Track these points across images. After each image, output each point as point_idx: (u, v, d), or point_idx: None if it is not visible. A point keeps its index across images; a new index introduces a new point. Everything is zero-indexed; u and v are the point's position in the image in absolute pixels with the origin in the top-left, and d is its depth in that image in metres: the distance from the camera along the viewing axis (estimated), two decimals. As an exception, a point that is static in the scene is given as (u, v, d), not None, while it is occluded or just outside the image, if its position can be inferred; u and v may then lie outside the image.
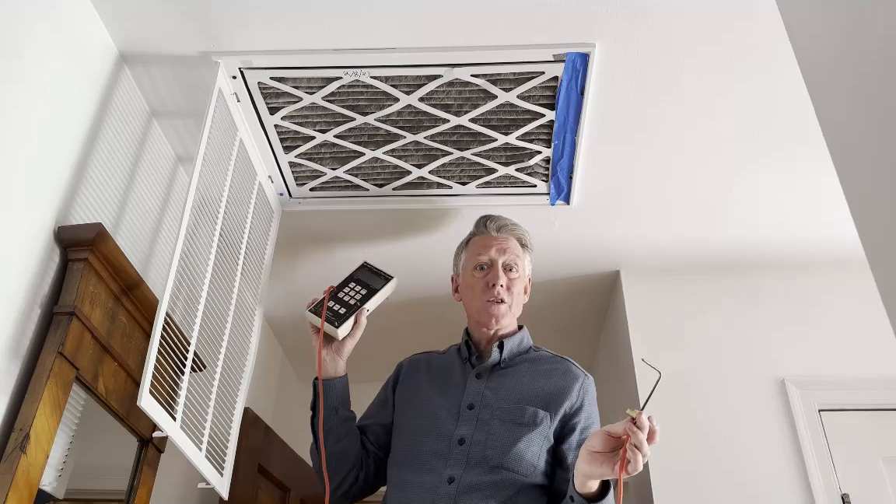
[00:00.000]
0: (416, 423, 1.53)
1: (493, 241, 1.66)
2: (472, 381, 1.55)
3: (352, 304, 1.60)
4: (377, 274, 1.67)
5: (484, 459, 1.41)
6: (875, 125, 0.76)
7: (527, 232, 1.72)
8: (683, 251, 2.23)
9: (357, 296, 1.61)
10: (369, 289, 1.63)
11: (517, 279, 1.63)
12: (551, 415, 1.48)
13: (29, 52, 1.30)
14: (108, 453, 1.58)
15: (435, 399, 1.55)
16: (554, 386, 1.52)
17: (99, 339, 1.40)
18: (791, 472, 1.93)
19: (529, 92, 1.67)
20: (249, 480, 2.06)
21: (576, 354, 1.83)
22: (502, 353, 1.57)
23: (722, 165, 1.89)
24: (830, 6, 0.86)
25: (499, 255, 1.63)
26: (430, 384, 1.60)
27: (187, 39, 1.55)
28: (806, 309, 2.18)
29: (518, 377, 1.55)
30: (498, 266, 1.61)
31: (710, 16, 1.50)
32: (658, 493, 1.91)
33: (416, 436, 1.50)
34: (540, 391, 1.51)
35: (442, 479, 1.40)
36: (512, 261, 1.63)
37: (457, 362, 1.62)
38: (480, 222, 1.72)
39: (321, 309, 1.57)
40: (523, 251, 1.69)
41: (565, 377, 1.55)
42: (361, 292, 1.62)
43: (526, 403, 1.48)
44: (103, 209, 1.53)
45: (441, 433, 1.47)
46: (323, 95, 1.68)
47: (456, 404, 1.51)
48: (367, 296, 1.62)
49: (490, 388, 1.53)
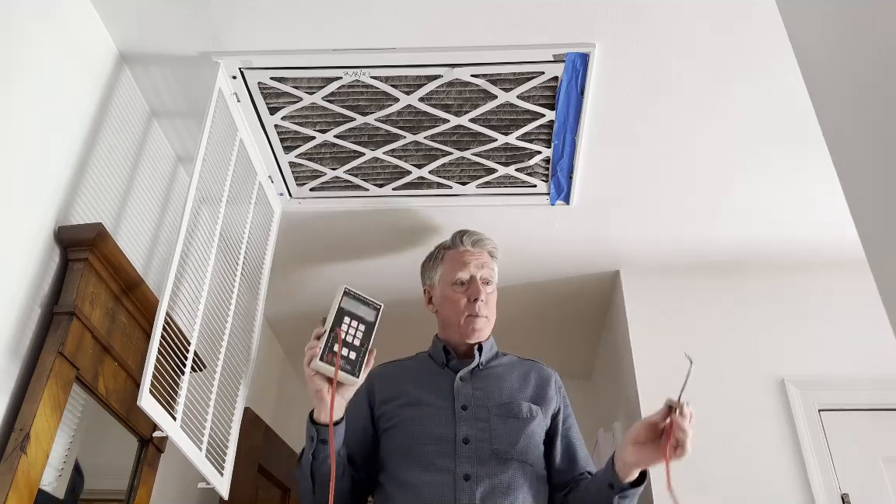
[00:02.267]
0: (410, 427, 1.51)
1: (470, 256, 1.70)
2: (458, 384, 1.57)
3: (358, 345, 1.42)
4: (365, 303, 1.47)
5: (494, 454, 1.45)
6: (875, 126, 0.76)
7: (496, 243, 1.76)
8: (683, 251, 2.23)
9: (359, 335, 1.43)
10: (366, 323, 1.45)
11: (492, 293, 1.68)
12: (542, 409, 1.56)
13: (29, 52, 1.30)
14: (108, 453, 1.58)
15: (425, 402, 1.54)
16: (534, 385, 1.60)
17: (99, 339, 1.40)
18: (791, 472, 1.93)
19: (529, 92, 1.67)
20: (249, 480, 2.06)
21: (576, 354, 1.83)
22: (481, 355, 1.62)
23: (722, 165, 1.89)
24: (830, 6, 0.86)
25: (477, 271, 1.68)
26: (414, 388, 1.58)
27: (187, 39, 1.55)
28: (806, 309, 2.18)
29: (498, 377, 1.60)
30: (478, 282, 1.66)
31: (710, 16, 1.50)
32: (658, 493, 1.91)
33: (412, 437, 1.49)
34: (524, 389, 1.59)
35: (456, 476, 1.42)
36: (488, 275, 1.68)
37: (432, 367, 1.64)
38: (457, 236, 1.74)
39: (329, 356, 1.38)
40: (493, 262, 1.73)
41: (539, 376, 1.63)
42: (360, 329, 1.44)
43: (515, 400, 1.55)
44: (103, 209, 1.53)
45: (440, 435, 1.48)
46: (323, 95, 1.68)
47: (448, 406, 1.52)
48: (368, 332, 1.44)
49: (476, 388, 1.57)
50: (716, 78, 1.64)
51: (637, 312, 2.23)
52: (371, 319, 1.44)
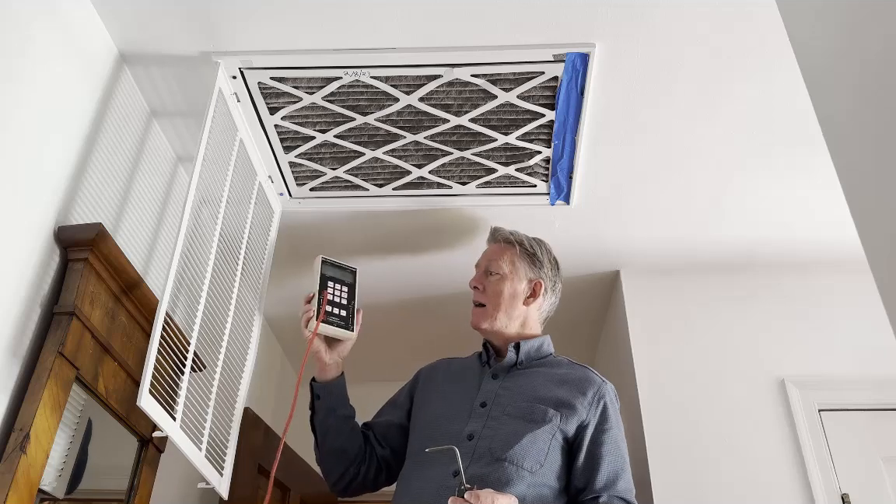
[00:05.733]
0: (430, 422, 1.57)
1: (487, 250, 1.79)
2: (488, 381, 1.58)
3: (345, 304, 1.62)
4: (342, 268, 1.68)
5: (488, 452, 1.44)
6: (875, 125, 0.76)
7: (527, 237, 1.76)
8: (683, 251, 2.22)
9: (344, 295, 1.63)
10: (348, 285, 1.65)
11: (496, 280, 1.68)
12: (562, 414, 1.48)
13: (29, 51, 1.30)
14: (108, 453, 1.58)
15: (450, 398, 1.59)
16: (569, 389, 1.53)
17: (99, 339, 1.40)
18: (791, 472, 1.93)
19: (529, 92, 1.67)
20: (249, 480, 2.06)
21: (576, 354, 1.83)
22: (518, 354, 1.60)
23: (722, 165, 1.89)
24: (830, 6, 0.86)
25: (483, 261, 1.74)
26: (447, 385, 1.64)
27: (187, 39, 1.55)
28: (806, 309, 2.18)
29: (533, 378, 1.57)
30: (480, 270, 1.72)
31: (710, 16, 1.50)
32: (658, 493, 1.91)
33: (427, 434, 1.53)
34: (554, 392, 1.52)
35: (447, 472, 1.41)
36: (494, 265, 1.70)
37: (476, 364, 1.67)
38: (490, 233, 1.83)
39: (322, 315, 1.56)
40: (520, 252, 1.72)
41: (581, 383, 1.55)
42: (345, 290, 1.64)
43: (538, 402, 1.50)
44: (103, 209, 1.53)
45: (451, 431, 1.49)
46: (323, 95, 1.68)
47: (469, 403, 1.55)
48: (351, 292, 1.65)
49: (504, 387, 1.56)
50: (716, 78, 1.64)
51: (637, 312, 2.23)
52: (350, 281, 1.66)
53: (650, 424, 2.01)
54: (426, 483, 1.43)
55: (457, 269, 2.22)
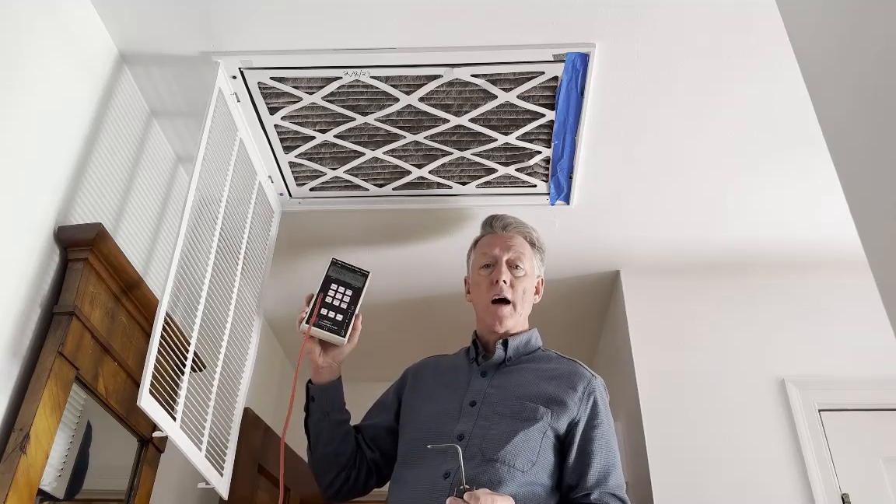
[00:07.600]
0: (419, 423, 1.54)
1: (497, 239, 1.68)
2: (477, 379, 1.55)
3: (344, 308, 1.56)
4: (353, 271, 1.62)
5: (480, 452, 1.41)
6: (875, 125, 0.76)
7: (535, 230, 1.73)
8: (683, 251, 2.22)
9: (346, 299, 1.58)
10: (353, 289, 1.59)
11: (523, 277, 1.62)
12: (552, 412, 1.46)
13: (29, 51, 1.30)
14: (108, 453, 1.58)
15: (439, 398, 1.56)
16: (558, 385, 1.51)
17: (99, 339, 1.40)
18: (791, 472, 1.92)
19: (529, 92, 1.67)
20: (249, 480, 2.06)
21: (576, 354, 1.82)
22: (507, 350, 1.57)
23: (722, 165, 1.89)
24: (830, 6, 0.86)
25: (503, 253, 1.64)
26: (436, 384, 1.60)
27: (187, 39, 1.55)
28: (805, 309, 2.18)
29: (522, 375, 1.54)
30: (501, 262, 1.62)
31: (710, 16, 1.50)
32: (658, 493, 1.90)
33: (417, 435, 1.50)
34: (544, 388, 1.50)
35: (438, 473, 1.39)
36: (517, 258, 1.63)
37: (464, 362, 1.63)
38: (487, 222, 1.74)
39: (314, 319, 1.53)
40: (532, 250, 1.69)
41: (571, 377, 1.53)
42: (348, 294, 1.58)
43: (528, 400, 1.48)
44: (103, 209, 1.53)
45: (441, 431, 1.47)
46: (323, 95, 1.68)
47: (458, 402, 1.51)
48: (354, 297, 1.59)
49: (494, 385, 1.53)
50: (716, 78, 1.64)
51: (637, 312, 2.23)
52: (358, 285, 1.61)
53: (650, 424, 2.01)
54: (418, 484, 1.41)
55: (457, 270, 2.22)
